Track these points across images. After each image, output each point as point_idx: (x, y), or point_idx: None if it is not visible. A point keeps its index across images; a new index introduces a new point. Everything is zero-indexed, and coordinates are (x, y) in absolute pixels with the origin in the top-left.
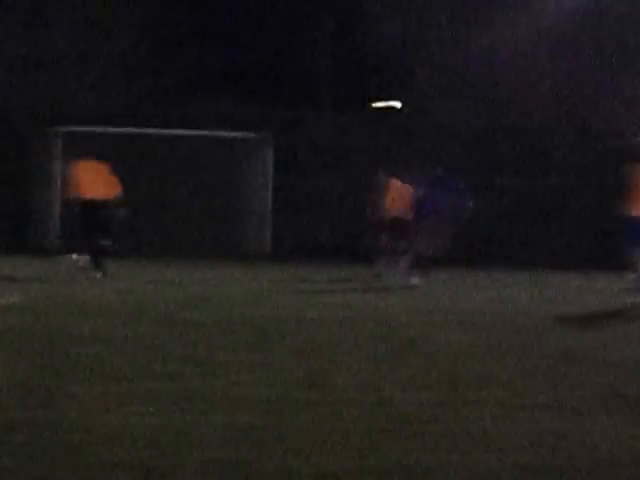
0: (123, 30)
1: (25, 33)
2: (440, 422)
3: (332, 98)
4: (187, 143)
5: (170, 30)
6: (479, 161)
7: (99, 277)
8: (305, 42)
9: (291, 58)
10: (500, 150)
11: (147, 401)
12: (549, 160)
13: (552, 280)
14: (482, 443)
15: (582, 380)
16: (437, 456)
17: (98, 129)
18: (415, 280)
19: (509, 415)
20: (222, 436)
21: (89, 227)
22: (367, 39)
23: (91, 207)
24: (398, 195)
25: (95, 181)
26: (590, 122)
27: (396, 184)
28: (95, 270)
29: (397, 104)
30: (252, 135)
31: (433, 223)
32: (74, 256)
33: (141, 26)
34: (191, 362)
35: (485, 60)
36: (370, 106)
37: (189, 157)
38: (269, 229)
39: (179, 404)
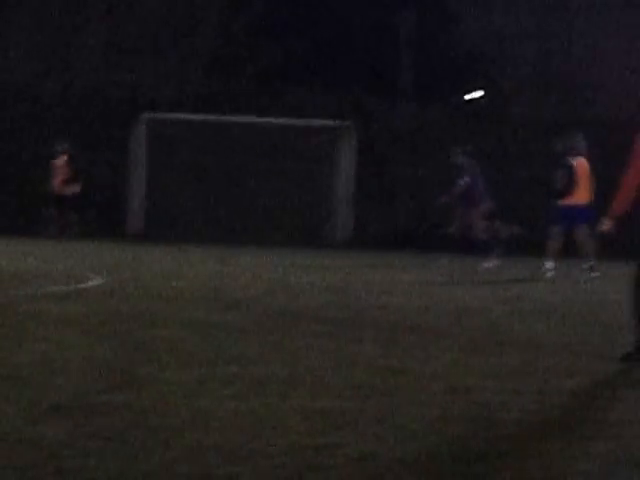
0: (206, 18)
1: (106, 23)
2: (515, 410)
3: (414, 88)
4: (271, 131)
5: (254, 19)
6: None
7: None
8: (388, 34)
9: (375, 49)
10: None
11: (227, 385)
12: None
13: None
14: (556, 430)
15: None
16: (511, 443)
17: (181, 115)
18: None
19: (583, 403)
20: (300, 420)
21: None
22: (449, 31)
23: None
24: None
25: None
26: None
27: None
28: None
29: (480, 93)
30: (335, 123)
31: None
32: None
33: (225, 14)
34: (271, 347)
35: (565, 52)
36: (454, 98)
37: (273, 145)
38: (351, 217)
39: (259, 388)
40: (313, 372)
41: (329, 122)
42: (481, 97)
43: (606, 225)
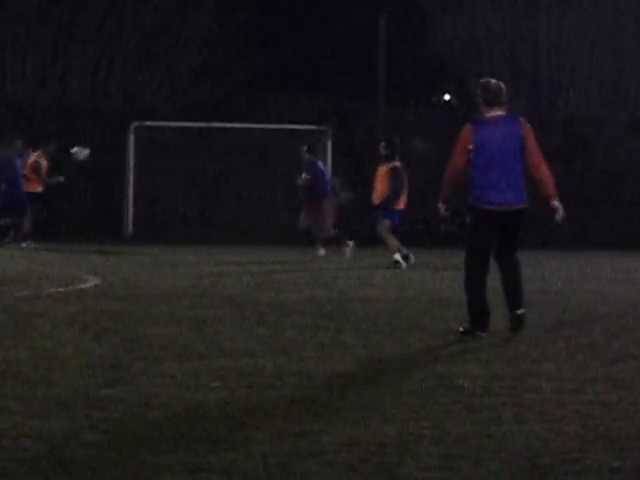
0: (192, 30)
1: (99, 36)
2: (493, 395)
3: (389, 91)
4: (251, 136)
5: (236, 30)
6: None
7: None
8: (362, 40)
9: (349, 56)
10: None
11: (218, 377)
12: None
13: (605, 260)
14: (533, 414)
15: (629, 354)
16: (490, 426)
17: (168, 123)
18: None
19: (558, 388)
20: (288, 409)
21: None
22: (421, 35)
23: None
24: None
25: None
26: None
27: None
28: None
29: (447, 97)
30: (312, 128)
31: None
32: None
33: (208, 27)
34: (259, 341)
35: (533, 53)
36: (426, 100)
37: (253, 149)
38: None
39: (248, 380)
40: (299, 363)
41: (310, 127)
42: (449, 100)
43: (441, 210)
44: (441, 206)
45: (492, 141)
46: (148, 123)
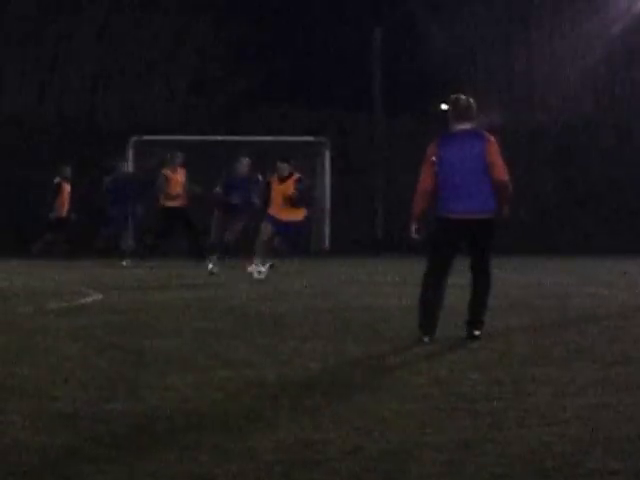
0: (190, 45)
1: (97, 51)
2: (494, 400)
3: (385, 102)
4: (249, 148)
5: (232, 43)
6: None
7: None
8: (358, 50)
9: (346, 67)
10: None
11: (221, 388)
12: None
13: (594, 265)
14: (534, 418)
15: (629, 357)
16: (492, 431)
17: (167, 137)
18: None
19: (559, 391)
20: (291, 418)
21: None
22: (416, 45)
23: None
24: None
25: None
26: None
27: None
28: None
29: (444, 106)
30: (311, 139)
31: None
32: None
33: (205, 40)
34: (262, 351)
35: (527, 63)
36: (423, 109)
37: (256, 161)
38: (327, 226)
39: (250, 390)
40: (301, 373)
41: (308, 138)
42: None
43: (414, 229)
44: (413, 227)
45: (453, 153)
46: (146, 137)
